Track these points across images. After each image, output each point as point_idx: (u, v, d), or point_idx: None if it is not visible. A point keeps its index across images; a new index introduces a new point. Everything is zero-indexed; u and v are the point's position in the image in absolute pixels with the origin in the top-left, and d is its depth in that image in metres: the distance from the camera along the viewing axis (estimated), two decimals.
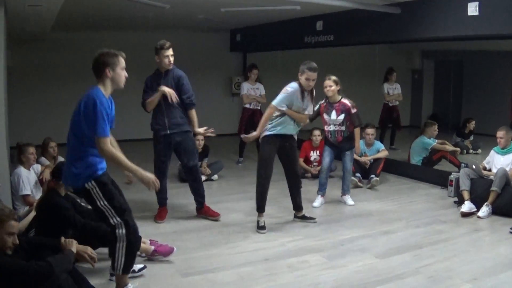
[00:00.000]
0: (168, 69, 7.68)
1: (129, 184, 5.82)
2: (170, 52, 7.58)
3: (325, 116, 8.86)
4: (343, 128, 8.77)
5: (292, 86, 7.40)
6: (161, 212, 7.97)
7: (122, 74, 4.99)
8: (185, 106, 7.70)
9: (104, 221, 4.98)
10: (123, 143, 14.66)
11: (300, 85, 7.38)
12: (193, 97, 7.76)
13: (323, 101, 8.96)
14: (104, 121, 4.74)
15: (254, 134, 7.61)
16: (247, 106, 12.25)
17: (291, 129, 7.59)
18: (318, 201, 8.98)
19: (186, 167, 7.98)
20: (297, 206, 8.07)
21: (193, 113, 7.79)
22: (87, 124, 4.76)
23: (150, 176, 5.16)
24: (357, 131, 8.86)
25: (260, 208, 7.63)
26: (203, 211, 8.10)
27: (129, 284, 5.23)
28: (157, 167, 7.79)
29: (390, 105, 14.21)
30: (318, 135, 10.90)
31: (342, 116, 8.69)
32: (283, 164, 7.88)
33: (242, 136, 8.13)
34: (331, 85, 8.69)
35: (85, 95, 4.88)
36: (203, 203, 8.12)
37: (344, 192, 9.15)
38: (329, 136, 8.90)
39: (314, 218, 7.98)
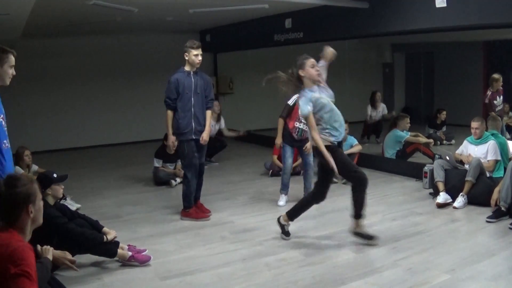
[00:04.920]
0: (195, 70, 8.01)
1: None
2: (199, 51, 7.95)
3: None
4: None
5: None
6: (196, 210, 8.19)
7: (8, 71, 4.90)
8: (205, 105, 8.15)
9: None
10: (102, 148, 14.61)
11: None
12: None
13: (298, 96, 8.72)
14: None
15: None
16: None
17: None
18: (283, 199, 8.87)
19: (199, 163, 8.22)
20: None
21: (209, 113, 8.24)
22: None
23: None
24: None
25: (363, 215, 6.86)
26: (195, 207, 8.29)
27: None
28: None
29: (370, 123, 14.46)
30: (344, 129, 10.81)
31: None
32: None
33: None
34: None
35: None
36: (197, 200, 8.36)
37: (307, 190, 8.92)
38: (296, 132, 8.66)
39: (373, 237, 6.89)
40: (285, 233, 7.08)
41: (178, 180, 10.22)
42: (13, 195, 3.45)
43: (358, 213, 6.76)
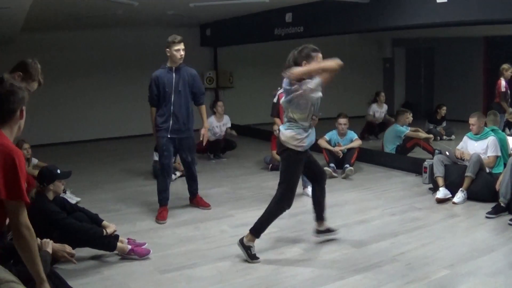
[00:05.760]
0: (178, 66, 7.81)
1: None
2: (181, 46, 7.70)
3: None
4: None
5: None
6: (162, 212, 7.88)
7: None
8: (197, 101, 8.04)
9: None
10: (102, 141, 14.56)
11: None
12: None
13: (279, 90, 8.63)
14: None
15: None
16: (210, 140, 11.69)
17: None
18: (309, 190, 8.54)
19: (185, 162, 8.16)
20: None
21: (203, 109, 8.14)
22: None
23: None
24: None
25: (259, 234, 6.24)
26: (195, 201, 8.39)
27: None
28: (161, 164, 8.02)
29: (376, 123, 14.39)
30: (344, 124, 10.85)
31: None
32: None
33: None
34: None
35: None
36: (196, 194, 8.39)
37: (305, 184, 8.88)
38: None
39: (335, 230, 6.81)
40: (252, 256, 6.12)
41: (178, 174, 10.23)
42: (15, 91, 3.55)
43: (256, 226, 6.19)
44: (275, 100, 8.70)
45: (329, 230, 6.75)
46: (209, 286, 5.43)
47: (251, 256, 6.06)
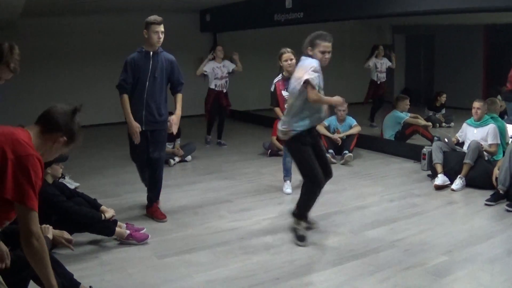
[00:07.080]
0: (156, 51, 7.01)
1: None
2: (161, 28, 6.93)
3: (284, 93, 8.08)
4: None
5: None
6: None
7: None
8: (173, 90, 7.21)
9: None
10: (102, 126, 14.53)
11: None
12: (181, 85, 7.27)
13: (277, 79, 8.35)
14: None
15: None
16: (212, 87, 12.06)
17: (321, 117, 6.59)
18: (289, 186, 8.46)
19: (152, 159, 7.19)
20: None
21: (180, 97, 7.22)
22: None
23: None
24: None
25: (305, 216, 6.43)
26: (150, 211, 7.30)
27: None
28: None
29: (378, 82, 14.20)
30: (343, 110, 10.82)
31: None
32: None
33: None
34: (292, 58, 7.96)
35: None
36: (154, 202, 7.34)
37: None
38: None
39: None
40: (299, 237, 6.23)
41: (177, 159, 10.26)
42: (69, 116, 4.04)
43: (298, 213, 6.36)
44: (272, 89, 8.45)
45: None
46: (207, 271, 5.44)
47: (298, 237, 6.18)
